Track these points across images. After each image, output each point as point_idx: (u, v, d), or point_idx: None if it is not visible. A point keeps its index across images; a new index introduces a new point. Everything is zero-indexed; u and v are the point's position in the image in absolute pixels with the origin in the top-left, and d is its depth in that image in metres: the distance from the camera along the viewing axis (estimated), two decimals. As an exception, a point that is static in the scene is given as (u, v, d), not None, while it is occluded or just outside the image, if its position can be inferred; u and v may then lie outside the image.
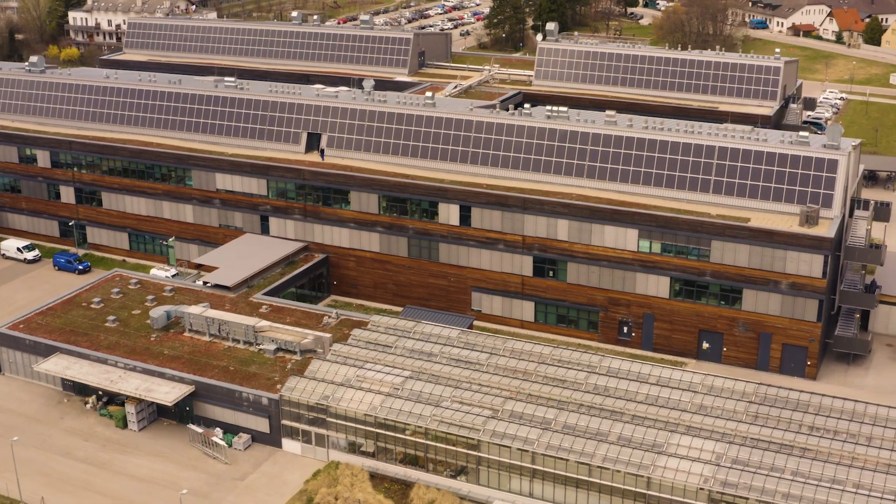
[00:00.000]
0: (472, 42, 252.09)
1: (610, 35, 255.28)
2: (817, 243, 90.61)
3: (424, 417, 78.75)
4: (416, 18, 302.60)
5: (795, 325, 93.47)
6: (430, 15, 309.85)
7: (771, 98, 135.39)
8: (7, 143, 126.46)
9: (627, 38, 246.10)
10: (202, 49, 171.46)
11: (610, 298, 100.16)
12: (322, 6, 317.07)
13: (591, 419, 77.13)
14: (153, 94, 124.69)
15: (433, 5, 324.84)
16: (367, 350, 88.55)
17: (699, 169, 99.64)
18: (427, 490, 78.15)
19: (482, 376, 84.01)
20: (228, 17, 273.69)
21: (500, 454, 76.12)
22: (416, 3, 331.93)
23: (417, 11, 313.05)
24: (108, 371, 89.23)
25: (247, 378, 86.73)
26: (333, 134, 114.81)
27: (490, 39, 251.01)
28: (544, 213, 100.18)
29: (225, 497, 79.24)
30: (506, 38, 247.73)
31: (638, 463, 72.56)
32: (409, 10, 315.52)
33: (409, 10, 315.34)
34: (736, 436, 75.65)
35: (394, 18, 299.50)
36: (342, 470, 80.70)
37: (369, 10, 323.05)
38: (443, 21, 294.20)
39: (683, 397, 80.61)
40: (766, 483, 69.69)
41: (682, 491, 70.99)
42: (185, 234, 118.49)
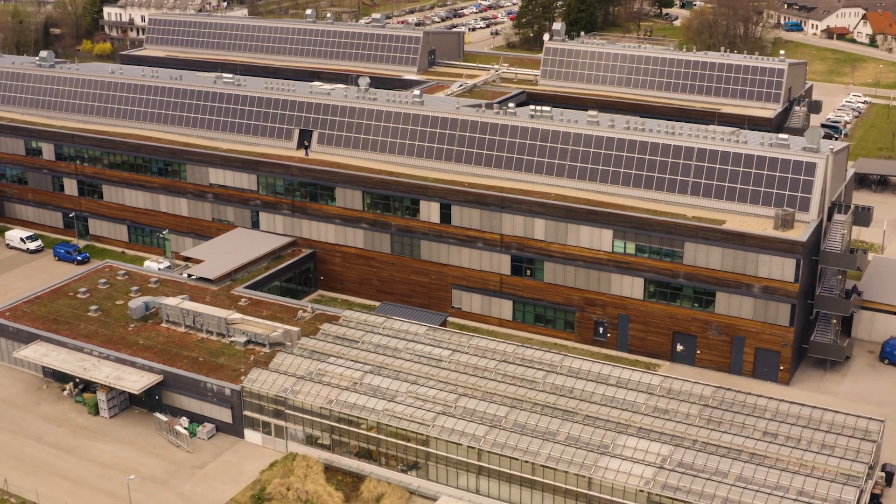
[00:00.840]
0: (500, 41, 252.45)
1: (640, 36, 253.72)
2: (789, 247, 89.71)
3: (377, 412, 79.56)
4: (449, 17, 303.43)
5: (768, 330, 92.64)
6: (464, 14, 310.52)
7: (774, 100, 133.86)
8: (14, 135, 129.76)
9: (657, 39, 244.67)
10: (219, 46, 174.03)
11: (586, 299, 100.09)
12: (357, 4, 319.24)
13: (541, 418, 77.31)
14: (154, 90, 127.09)
15: (468, 4, 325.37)
16: (334, 344, 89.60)
17: (678, 170, 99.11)
18: (378, 483, 78.93)
19: (441, 372, 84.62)
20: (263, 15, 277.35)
21: (448, 450, 76.64)
22: (451, 1, 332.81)
23: (452, 10, 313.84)
24: (84, 359, 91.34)
25: (214, 369, 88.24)
26: (324, 131, 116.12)
27: (519, 39, 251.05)
28: (522, 212, 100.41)
29: (182, 484, 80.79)
30: (534, 38, 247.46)
31: (580, 463, 72.60)
32: (445, 9, 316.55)
33: (444, 9, 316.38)
34: (685, 439, 75.38)
35: (427, 16, 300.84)
36: (298, 461, 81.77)
37: (404, 7, 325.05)
38: (475, 20, 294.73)
39: (639, 399, 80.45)
40: (706, 487, 69.32)
41: (621, 492, 70.92)
42: (180, 228, 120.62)
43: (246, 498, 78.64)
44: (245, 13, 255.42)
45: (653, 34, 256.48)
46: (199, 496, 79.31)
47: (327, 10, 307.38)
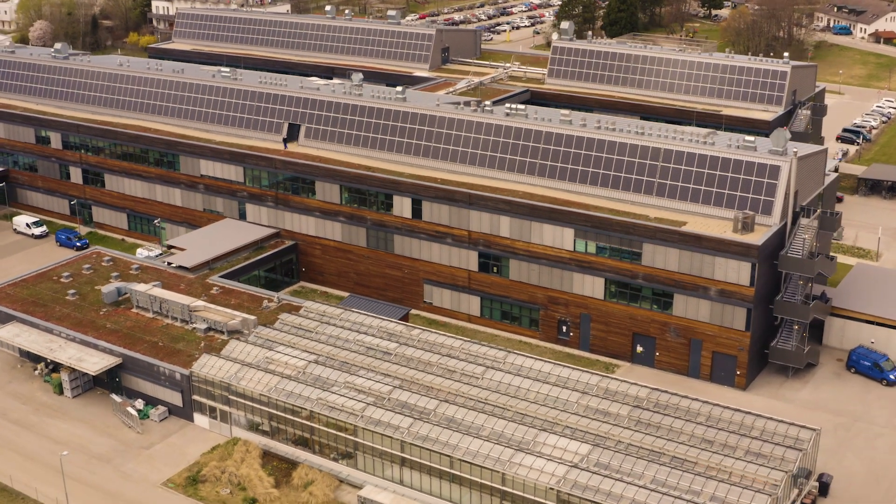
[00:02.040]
0: (540, 41, 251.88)
1: (682, 37, 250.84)
2: (745, 250, 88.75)
3: (311, 401, 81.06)
4: (495, 15, 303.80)
5: (725, 333, 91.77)
6: (511, 12, 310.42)
7: (776, 103, 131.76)
8: (25, 124, 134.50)
9: (699, 41, 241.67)
10: (242, 40, 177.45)
11: (549, 297, 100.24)
12: (406, 1, 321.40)
13: (468, 413, 77.96)
14: (156, 83, 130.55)
15: (518, 3, 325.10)
16: (287, 334, 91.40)
17: (644, 171, 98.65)
18: (309, 471, 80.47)
19: (383, 364, 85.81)
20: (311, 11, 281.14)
21: (374, 441, 77.81)
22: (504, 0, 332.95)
23: (499, 8, 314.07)
24: (52, 340, 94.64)
25: (171, 354, 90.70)
26: (311, 125, 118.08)
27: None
28: (488, 209, 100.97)
29: (125, 463, 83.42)
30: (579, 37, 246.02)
31: (496, 459, 73.09)
32: (493, 7, 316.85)
33: (492, 7, 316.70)
34: (609, 439, 75.33)
35: (473, 14, 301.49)
36: (239, 446, 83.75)
37: (453, 5, 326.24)
38: (521, 18, 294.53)
39: (572, 398, 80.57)
40: (614, 487, 69.28)
41: (532, 489, 71.27)
42: (174, 217, 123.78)
43: (181, 479, 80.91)
44: (288, 9, 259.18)
45: (696, 35, 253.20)
46: (138, 475, 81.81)
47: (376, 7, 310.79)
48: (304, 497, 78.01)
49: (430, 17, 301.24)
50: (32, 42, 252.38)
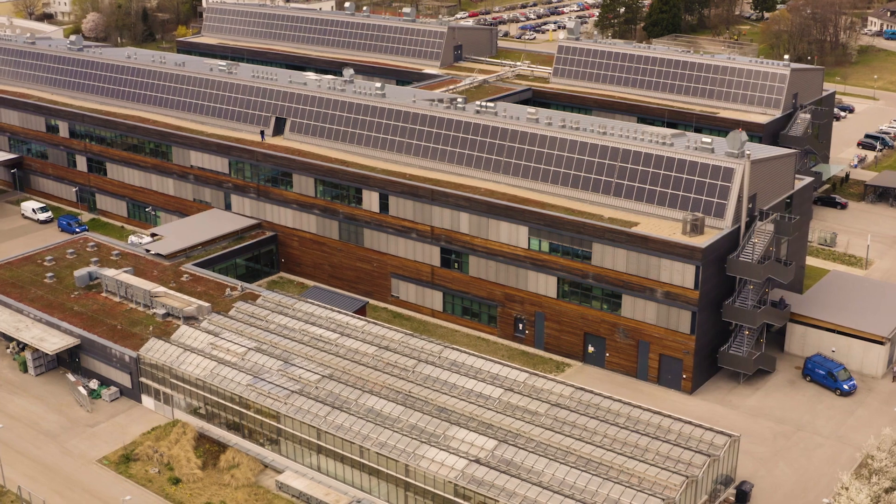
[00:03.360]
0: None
1: (725, 39, 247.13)
2: (689, 253, 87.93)
3: (242, 387, 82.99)
4: (544, 15, 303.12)
5: (671, 336, 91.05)
6: (562, 12, 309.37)
7: (774, 106, 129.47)
8: (37, 113, 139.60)
9: (742, 43, 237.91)
10: (266, 35, 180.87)
11: (506, 294, 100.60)
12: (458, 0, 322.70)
13: (387, 404, 78.99)
14: (157, 75, 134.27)
15: (571, 2, 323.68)
16: (237, 321, 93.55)
17: (602, 170, 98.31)
18: (237, 454, 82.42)
19: (318, 353, 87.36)
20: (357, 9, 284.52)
21: (294, 427, 79.37)
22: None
23: (551, 8, 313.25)
24: (20, 320, 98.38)
25: (126, 337, 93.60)
26: (296, 119, 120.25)
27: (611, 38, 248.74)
28: (449, 205, 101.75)
29: (69, 440, 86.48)
30: (620, 37, 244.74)
31: (402, 450, 73.99)
32: (545, 7, 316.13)
33: (544, 7, 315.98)
34: (520, 436, 75.59)
35: (522, 13, 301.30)
36: (177, 428, 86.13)
37: (505, 3, 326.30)
38: (569, 18, 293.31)
39: (494, 394, 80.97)
40: (508, 484, 69.66)
41: (432, 482, 72.02)
42: (168, 206, 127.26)
43: (116, 456, 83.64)
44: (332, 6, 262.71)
45: (741, 38, 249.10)
46: (78, 452, 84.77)
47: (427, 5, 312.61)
48: (226, 479, 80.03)
49: (481, 15, 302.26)
50: (85, 34, 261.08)
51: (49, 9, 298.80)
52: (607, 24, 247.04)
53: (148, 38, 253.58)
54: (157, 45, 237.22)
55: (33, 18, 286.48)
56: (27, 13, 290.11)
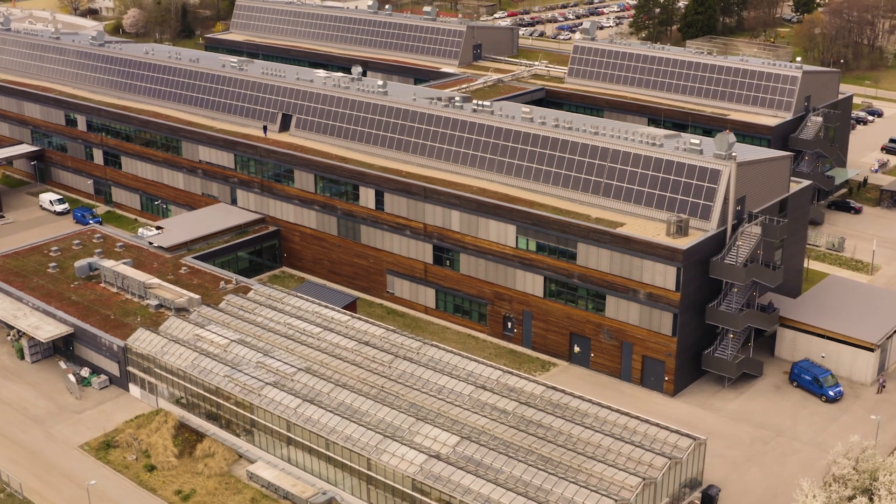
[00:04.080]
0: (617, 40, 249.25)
1: (762, 41, 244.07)
2: (671, 254, 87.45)
3: (220, 378, 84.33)
4: (584, 15, 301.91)
5: (653, 338, 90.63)
6: (602, 12, 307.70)
7: (785, 109, 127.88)
8: (57, 107, 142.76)
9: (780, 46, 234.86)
10: (291, 33, 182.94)
11: (495, 293, 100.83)
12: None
13: (357, 398, 79.77)
14: (172, 71, 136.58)
15: (613, 2, 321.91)
16: (225, 314, 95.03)
17: (592, 170, 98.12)
18: (213, 443, 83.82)
19: (299, 347, 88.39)
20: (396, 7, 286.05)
21: (266, 419, 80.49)
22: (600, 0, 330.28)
23: (591, 8, 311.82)
24: (19, 308, 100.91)
25: (117, 326, 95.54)
26: (301, 115, 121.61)
27: (637, 40, 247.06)
28: (441, 203, 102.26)
29: (55, 426, 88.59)
30: (653, 39, 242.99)
31: (365, 444, 74.69)
32: (586, 7, 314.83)
33: (585, 7, 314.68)
34: (485, 433, 75.87)
35: (561, 13, 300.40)
36: (159, 417, 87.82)
37: (546, 3, 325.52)
38: (607, 18, 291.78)
39: (465, 391, 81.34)
40: (464, 480, 70.01)
41: (392, 476, 72.62)
42: (178, 200, 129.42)
43: (97, 443, 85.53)
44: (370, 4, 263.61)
45: (777, 40, 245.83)
46: (62, 437, 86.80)
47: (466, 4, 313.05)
48: (200, 468, 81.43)
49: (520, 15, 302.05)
50: (126, 29, 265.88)
51: (94, 4, 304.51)
52: (642, 26, 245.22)
53: (186, 35, 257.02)
54: (195, 42, 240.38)
55: (78, 14, 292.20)
56: (72, 9, 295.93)
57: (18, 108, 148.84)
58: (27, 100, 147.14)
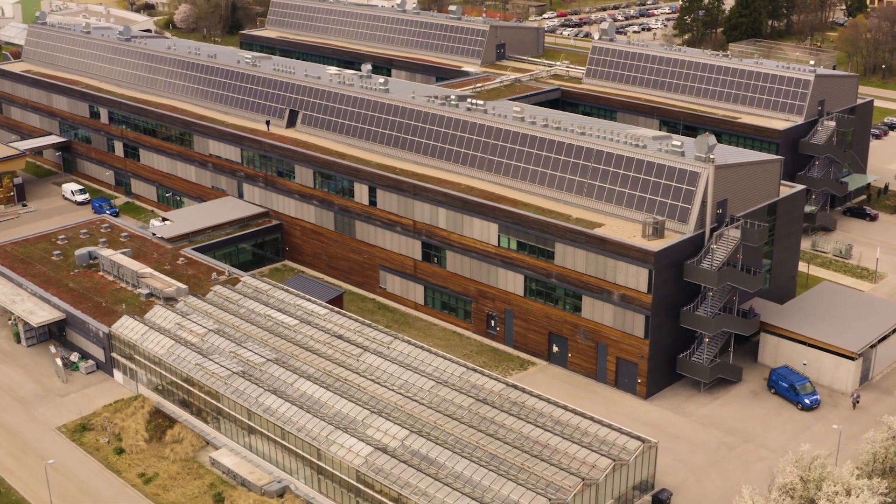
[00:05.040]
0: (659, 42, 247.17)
1: (808, 45, 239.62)
2: (643, 256, 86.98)
3: (191, 366, 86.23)
4: (634, 16, 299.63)
5: (627, 340, 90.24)
6: (653, 13, 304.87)
7: (797, 113, 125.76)
8: (82, 99, 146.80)
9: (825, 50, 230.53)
10: (322, 30, 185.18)
11: (479, 290, 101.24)
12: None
13: (318, 389, 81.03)
14: (190, 66, 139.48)
15: (666, 4, 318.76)
16: (209, 304, 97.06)
17: (577, 171, 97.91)
18: (183, 430, 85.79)
19: (272, 338, 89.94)
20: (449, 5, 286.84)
21: (230, 407, 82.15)
22: (653, 1, 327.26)
23: (642, 10, 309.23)
24: (17, 293, 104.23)
25: (107, 313, 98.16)
26: (307, 112, 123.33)
27: (682, 41, 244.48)
28: (429, 200, 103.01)
29: (38, 408, 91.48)
30: (698, 41, 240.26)
31: (316, 435, 75.84)
32: (637, 8, 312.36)
33: (636, 8, 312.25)
34: (437, 428, 76.46)
35: (611, 14, 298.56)
36: (136, 402, 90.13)
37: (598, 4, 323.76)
38: (656, 20, 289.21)
39: (426, 386, 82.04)
40: (404, 473, 70.81)
41: (339, 466, 73.67)
42: (191, 192, 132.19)
43: (74, 425, 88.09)
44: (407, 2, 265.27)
45: (824, 44, 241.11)
46: (43, 419, 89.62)
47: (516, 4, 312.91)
48: (166, 452, 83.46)
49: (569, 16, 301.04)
50: (177, 24, 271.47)
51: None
52: (686, 28, 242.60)
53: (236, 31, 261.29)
54: (237, 38, 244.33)
55: (134, 9, 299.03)
56: (129, 3, 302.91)
57: (48, 101, 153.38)
58: (55, 92, 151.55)
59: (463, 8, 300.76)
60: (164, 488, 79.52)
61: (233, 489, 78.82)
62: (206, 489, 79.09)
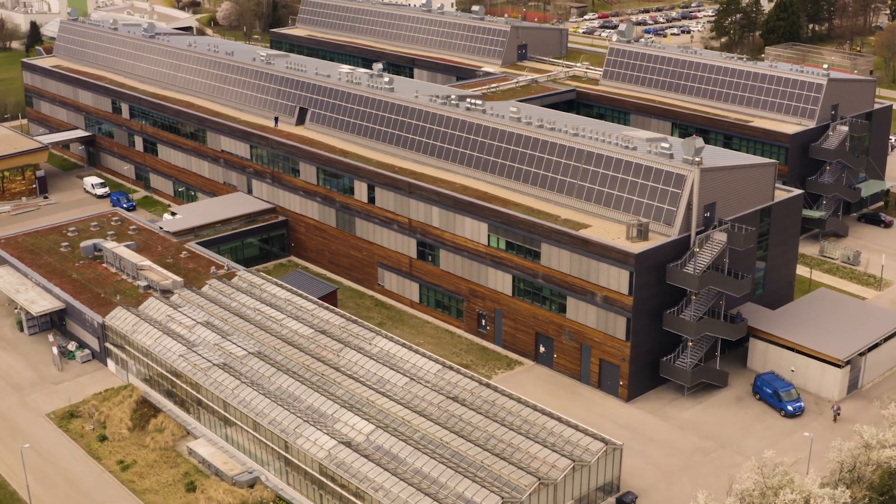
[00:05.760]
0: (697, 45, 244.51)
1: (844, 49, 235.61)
2: (624, 258, 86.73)
3: (175, 356, 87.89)
4: (676, 18, 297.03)
5: (609, 342, 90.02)
6: (696, 16, 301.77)
7: (809, 117, 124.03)
8: (105, 94, 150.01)
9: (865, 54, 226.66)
10: (347, 28, 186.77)
11: (470, 289, 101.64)
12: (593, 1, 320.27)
13: (293, 383, 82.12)
14: (207, 63, 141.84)
15: (710, 7, 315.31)
16: (202, 297, 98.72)
17: (568, 171, 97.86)
18: (166, 419, 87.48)
19: (258, 332, 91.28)
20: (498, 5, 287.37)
21: (209, 398, 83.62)
22: (697, 3, 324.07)
23: (684, 12, 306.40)
24: (22, 283, 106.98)
25: (105, 304, 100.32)
26: (315, 109, 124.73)
27: (720, 44, 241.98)
28: (423, 199, 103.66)
29: (31, 394, 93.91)
30: (735, 44, 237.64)
31: (285, 427, 76.90)
32: (680, 10, 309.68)
33: (679, 10, 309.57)
34: (403, 424, 77.07)
35: (653, 17, 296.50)
36: (125, 391, 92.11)
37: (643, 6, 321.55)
38: (697, 22, 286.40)
39: (400, 382, 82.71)
40: (364, 467, 71.57)
41: (304, 459, 74.65)
42: (204, 188, 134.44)
43: (62, 412, 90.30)
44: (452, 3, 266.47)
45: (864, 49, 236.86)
46: (34, 405, 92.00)
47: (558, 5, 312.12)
48: (147, 441, 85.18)
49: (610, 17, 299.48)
50: (219, 21, 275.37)
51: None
52: (723, 31, 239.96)
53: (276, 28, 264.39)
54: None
55: (179, 6, 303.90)
56: (175, 0, 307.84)
57: (74, 95, 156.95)
58: (81, 87, 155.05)
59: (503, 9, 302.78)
60: (140, 475, 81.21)
61: (206, 478, 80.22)
62: (181, 478, 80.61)
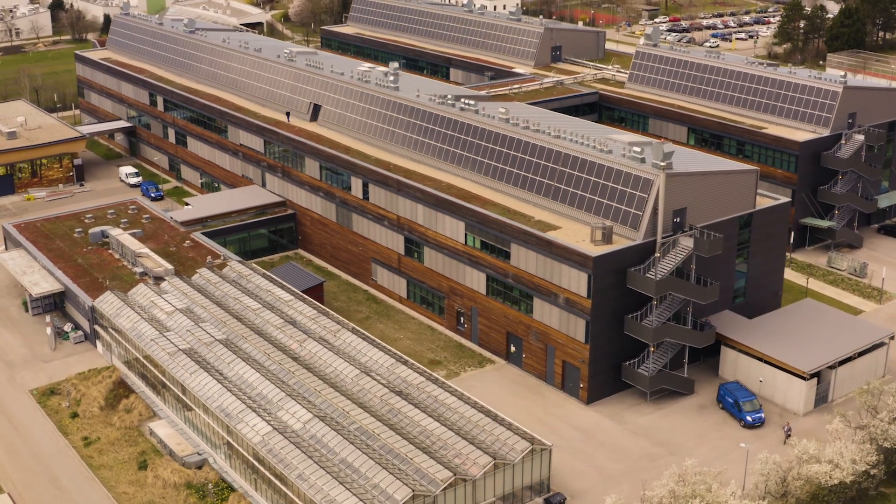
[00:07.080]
0: (761, 51, 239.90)
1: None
2: (582, 261, 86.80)
3: (146, 340, 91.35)
4: (748, 24, 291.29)
5: (570, 344, 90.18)
6: (769, 21, 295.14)
7: (823, 125, 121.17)
8: (143, 87, 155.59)
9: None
10: (392, 27, 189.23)
11: (450, 287, 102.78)
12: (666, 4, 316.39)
13: (248, 370, 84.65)
14: (236, 58, 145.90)
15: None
16: (188, 285, 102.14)
17: (546, 173, 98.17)
18: (136, 400, 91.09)
19: (231, 320, 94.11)
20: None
21: (171, 382, 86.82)
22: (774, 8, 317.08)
23: (757, 17, 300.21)
24: (30, 265, 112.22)
25: (99, 289, 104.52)
26: (328, 107, 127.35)
27: (783, 50, 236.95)
28: (410, 196, 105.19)
29: (21, 371, 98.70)
30: (799, 50, 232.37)
31: (230, 413, 79.42)
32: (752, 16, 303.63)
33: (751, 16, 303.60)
34: (341, 415, 78.83)
35: (724, 21, 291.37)
36: (106, 371, 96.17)
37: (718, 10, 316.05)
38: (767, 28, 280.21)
39: (350, 375, 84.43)
40: (290, 455, 73.46)
41: (242, 443, 77.06)
42: (225, 180, 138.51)
43: (44, 389, 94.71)
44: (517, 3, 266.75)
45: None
46: (21, 381, 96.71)
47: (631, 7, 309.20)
48: (114, 420, 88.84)
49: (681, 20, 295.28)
50: (291, 18, 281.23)
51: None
52: (787, 36, 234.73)
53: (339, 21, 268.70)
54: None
55: (255, 2, 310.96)
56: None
57: (118, 87, 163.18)
58: (123, 80, 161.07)
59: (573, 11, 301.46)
60: (99, 451, 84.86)
61: (159, 457, 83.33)
62: (137, 456, 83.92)
